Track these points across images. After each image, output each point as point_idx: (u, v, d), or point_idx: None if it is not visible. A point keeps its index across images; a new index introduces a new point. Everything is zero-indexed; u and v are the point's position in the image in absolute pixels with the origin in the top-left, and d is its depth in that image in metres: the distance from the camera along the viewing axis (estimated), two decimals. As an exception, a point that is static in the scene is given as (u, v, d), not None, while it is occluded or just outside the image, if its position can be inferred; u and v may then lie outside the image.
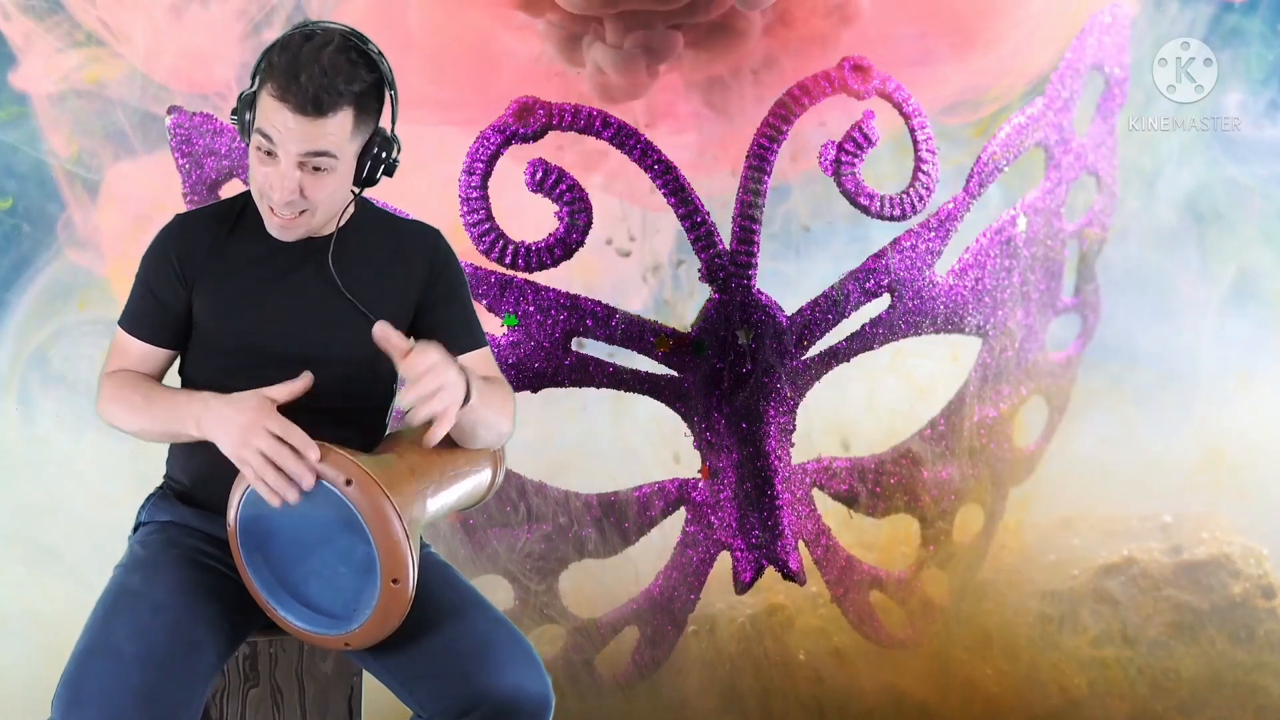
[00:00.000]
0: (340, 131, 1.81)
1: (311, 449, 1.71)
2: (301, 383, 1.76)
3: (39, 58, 2.92)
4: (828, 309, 2.83)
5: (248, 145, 1.87)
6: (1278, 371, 3.46)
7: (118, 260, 3.03)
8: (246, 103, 1.85)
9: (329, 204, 1.88)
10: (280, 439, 1.70)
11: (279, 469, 1.70)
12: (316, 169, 1.82)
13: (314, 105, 1.77)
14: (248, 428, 1.72)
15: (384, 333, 1.73)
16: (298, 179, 1.82)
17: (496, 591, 2.89)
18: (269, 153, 1.81)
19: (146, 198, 2.97)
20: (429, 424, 1.76)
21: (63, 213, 2.99)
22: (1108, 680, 3.16)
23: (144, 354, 1.94)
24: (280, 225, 1.87)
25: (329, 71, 1.77)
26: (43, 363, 3.06)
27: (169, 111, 2.66)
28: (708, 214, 2.75)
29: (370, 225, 1.99)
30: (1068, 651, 3.19)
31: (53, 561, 3.02)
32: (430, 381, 1.72)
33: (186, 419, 1.79)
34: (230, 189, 2.69)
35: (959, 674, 3.14)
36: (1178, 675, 3.17)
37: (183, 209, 2.66)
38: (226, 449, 1.74)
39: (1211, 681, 3.16)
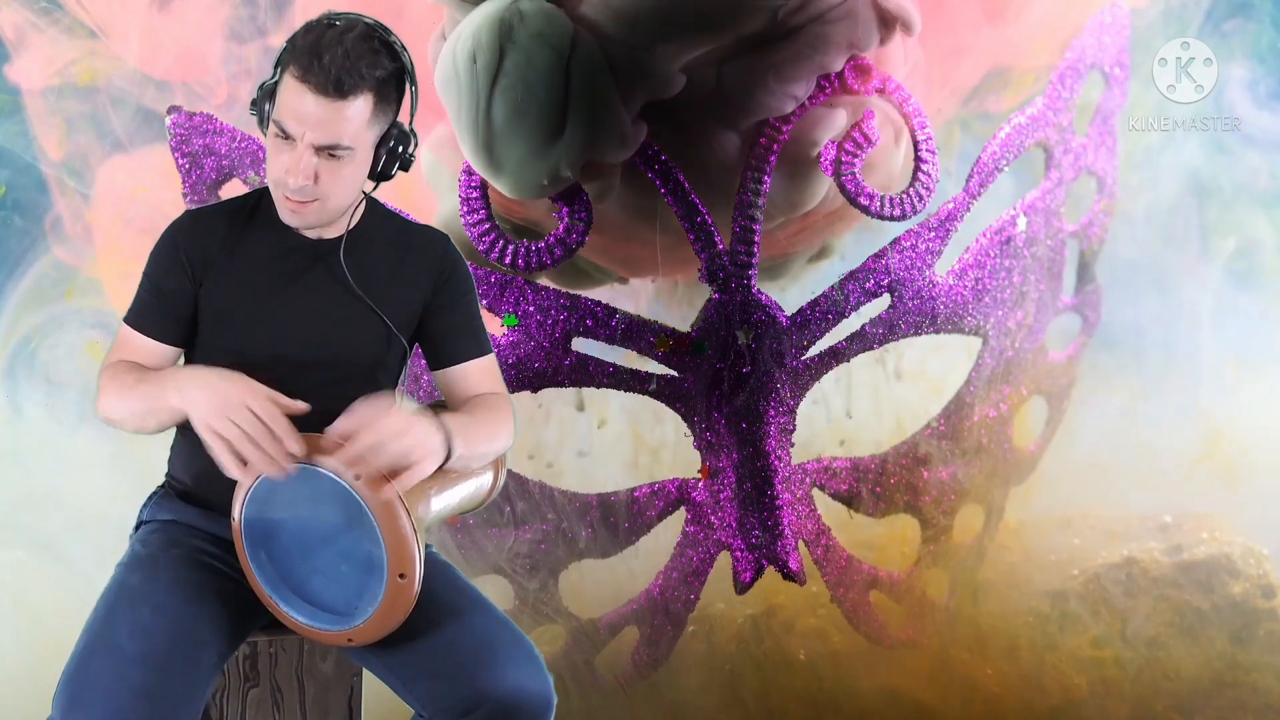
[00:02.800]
0: (359, 118, 1.81)
1: (293, 440, 1.69)
2: (298, 407, 1.74)
3: (30, 50, 2.92)
4: (828, 309, 2.83)
5: (265, 135, 1.87)
6: (1277, 360, 3.45)
7: (107, 256, 3.02)
8: (267, 93, 1.85)
9: (343, 194, 1.87)
10: (263, 421, 1.69)
11: (256, 447, 1.69)
12: (333, 156, 1.82)
13: (335, 87, 1.77)
14: (230, 401, 1.70)
15: (343, 426, 1.72)
16: (314, 164, 1.81)
17: (496, 591, 2.89)
18: (286, 137, 1.82)
19: (136, 193, 2.97)
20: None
21: (50, 209, 2.99)
22: (1107, 680, 3.16)
23: (148, 351, 1.92)
24: (291, 210, 1.86)
25: (352, 55, 1.78)
26: (30, 353, 3.05)
27: (168, 111, 2.65)
28: (707, 214, 2.75)
29: (379, 227, 1.99)
30: (1068, 651, 3.19)
31: (43, 551, 3.01)
32: (396, 423, 1.71)
33: (169, 388, 1.76)
34: (230, 189, 2.69)
35: (959, 674, 3.14)
36: (1178, 675, 3.16)
37: (180, 206, 2.66)
38: (198, 415, 1.71)
39: (1211, 681, 3.16)
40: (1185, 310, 3.41)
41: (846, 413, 3.24)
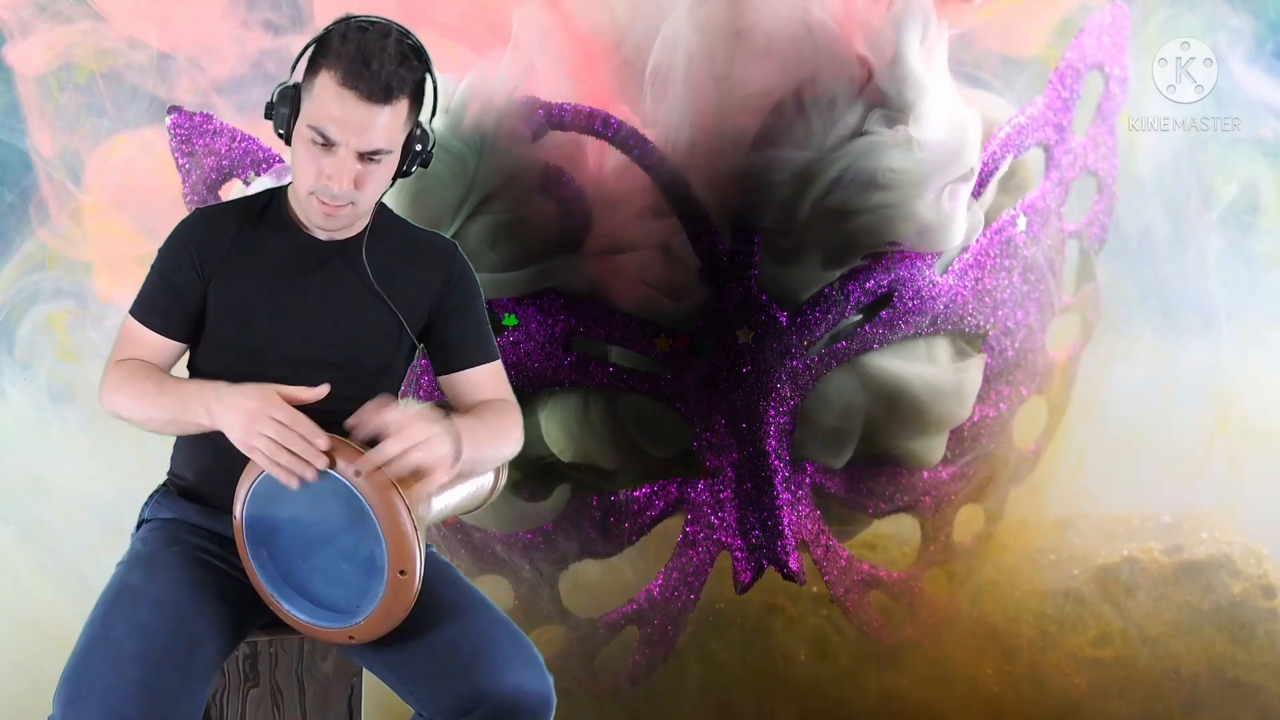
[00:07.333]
0: (397, 120, 1.83)
1: (319, 436, 1.71)
2: (315, 393, 1.76)
3: (22, 34, 2.92)
4: (828, 309, 2.83)
5: (285, 137, 1.87)
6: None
7: (97, 240, 3.04)
8: (289, 96, 1.85)
9: (374, 195, 1.90)
10: (287, 426, 1.71)
11: (289, 453, 1.70)
12: (374, 160, 1.83)
13: (384, 92, 1.78)
14: (255, 414, 1.72)
15: (358, 419, 1.74)
16: (357, 170, 1.83)
17: (497, 591, 2.89)
18: (326, 143, 1.81)
19: (126, 180, 2.98)
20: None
21: (36, 192, 3.00)
22: (1108, 680, 3.16)
23: (155, 345, 1.94)
24: (326, 214, 1.87)
25: (396, 59, 1.79)
26: (10, 330, 3.06)
27: (169, 111, 2.67)
28: (707, 213, 2.75)
29: (389, 231, 2.00)
30: (1068, 651, 3.19)
31: (24, 531, 3.02)
32: (417, 432, 1.72)
33: (198, 408, 1.79)
34: (230, 189, 2.69)
35: (959, 674, 3.14)
36: (1178, 675, 3.16)
37: (176, 195, 2.68)
38: (235, 436, 1.75)
39: (1211, 681, 3.16)
40: (1189, 294, 3.38)
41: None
